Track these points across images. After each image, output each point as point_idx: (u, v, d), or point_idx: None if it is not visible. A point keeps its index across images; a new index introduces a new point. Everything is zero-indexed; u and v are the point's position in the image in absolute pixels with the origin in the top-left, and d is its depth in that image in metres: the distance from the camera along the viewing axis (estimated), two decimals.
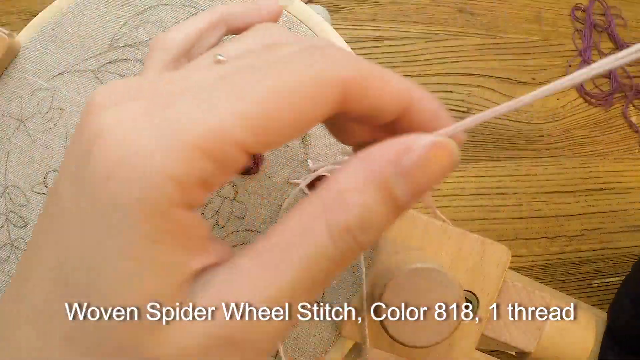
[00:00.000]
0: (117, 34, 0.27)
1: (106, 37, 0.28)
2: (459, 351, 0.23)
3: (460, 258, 0.23)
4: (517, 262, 0.66)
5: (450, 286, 0.21)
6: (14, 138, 0.29)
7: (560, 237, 0.68)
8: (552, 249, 0.67)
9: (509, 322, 0.24)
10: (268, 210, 0.26)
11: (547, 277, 0.67)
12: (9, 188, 0.29)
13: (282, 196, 0.26)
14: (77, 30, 0.28)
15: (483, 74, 0.73)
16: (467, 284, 0.23)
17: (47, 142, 0.28)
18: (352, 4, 0.74)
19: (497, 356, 0.47)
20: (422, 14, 0.74)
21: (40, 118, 0.28)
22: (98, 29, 0.28)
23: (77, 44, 0.28)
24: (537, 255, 0.67)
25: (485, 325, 0.24)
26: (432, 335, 0.21)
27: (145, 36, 0.27)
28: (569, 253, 0.68)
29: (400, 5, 0.74)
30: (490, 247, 0.23)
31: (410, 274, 0.21)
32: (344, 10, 0.73)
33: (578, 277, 0.67)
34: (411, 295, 0.21)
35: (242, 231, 0.26)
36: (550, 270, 0.67)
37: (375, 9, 0.73)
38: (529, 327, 0.24)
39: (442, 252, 0.23)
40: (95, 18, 0.28)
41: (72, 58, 0.28)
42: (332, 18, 0.72)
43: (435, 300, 0.21)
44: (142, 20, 0.27)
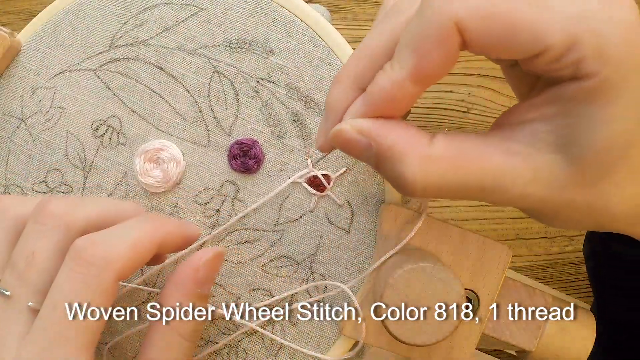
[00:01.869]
0: (118, 33, 0.27)
1: (107, 36, 0.28)
2: (460, 350, 0.23)
3: (461, 257, 0.23)
4: (518, 262, 0.66)
5: (451, 285, 0.21)
6: (14, 137, 0.29)
7: (560, 237, 0.68)
8: (552, 249, 0.67)
9: (509, 321, 0.24)
10: (268, 209, 0.26)
11: (547, 277, 0.67)
12: (10, 187, 0.29)
13: (283, 195, 0.26)
14: (78, 30, 0.28)
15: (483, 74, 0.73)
16: (467, 283, 0.23)
17: (47, 141, 0.28)
18: (352, 4, 0.74)
19: (497, 355, 0.47)
20: None
21: (41, 117, 0.28)
22: (99, 28, 0.28)
23: (78, 43, 0.28)
24: (537, 255, 0.67)
25: (485, 324, 0.24)
26: (433, 334, 0.21)
27: (146, 35, 0.27)
28: (569, 253, 0.68)
29: None
30: (491, 247, 0.23)
31: (410, 273, 0.21)
32: (343, 10, 0.73)
33: (578, 277, 0.67)
34: (412, 294, 0.21)
35: (243, 230, 0.26)
36: (550, 270, 0.67)
37: (376, 9, 0.73)
38: (530, 326, 0.24)
39: (442, 251, 0.23)
40: (95, 17, 0.28)
41: (73, 57, 0.28)
42: (332, 18, 0.72)
43: (436, 299, 0.21)
44: (143, 19, 0.27)
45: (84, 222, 0.21)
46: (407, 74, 0.17)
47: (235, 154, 0.26)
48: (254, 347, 0.26)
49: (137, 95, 0.27)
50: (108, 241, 0.19)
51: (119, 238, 0.20)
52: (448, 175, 0.18)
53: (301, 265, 0.26)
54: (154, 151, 0.26)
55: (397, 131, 0.18)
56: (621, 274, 0.36)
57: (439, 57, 0.17)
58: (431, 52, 0.17)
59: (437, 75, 0.17)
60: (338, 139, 0.19)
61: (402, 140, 0.18)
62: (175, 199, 0.27)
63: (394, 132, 0.18)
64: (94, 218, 0.21)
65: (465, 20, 0.16)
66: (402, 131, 0.18)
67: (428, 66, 0.17)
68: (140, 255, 0.20)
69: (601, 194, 0.18)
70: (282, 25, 0.26)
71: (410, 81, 0.17)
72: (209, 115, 0.26)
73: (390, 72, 0.18)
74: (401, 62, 0.17)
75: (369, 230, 0.25)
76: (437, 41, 0.16)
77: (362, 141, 0.19)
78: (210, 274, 0.22)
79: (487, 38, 0.16)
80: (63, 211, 0.20)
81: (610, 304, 0.38)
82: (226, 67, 0.26)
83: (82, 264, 0.19)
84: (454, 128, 0.67)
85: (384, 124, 0.19)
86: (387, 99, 0.18)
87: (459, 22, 0.16)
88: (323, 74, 0.25)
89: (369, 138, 0.19)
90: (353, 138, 0.19)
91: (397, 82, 0.18)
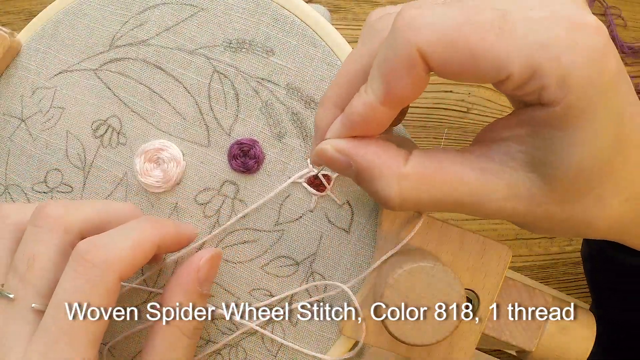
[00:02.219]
0: (118, 33, 0.27)
1: (107, 36, 0.28)
2: (460, 350, 0.23)
3: (461, 257, 0.23)
4: (518, 262, 0.66)
5: (451, 285, 0.21)
6: (14, 137, 0.29)
7: (561, 237, 0.68)
8: (552, 249, 0.67)
9: (509, 321, 0.24)
10: (268, 209, 0.26)
11: (547, 277, 0.67)
12: (10, 187, 0.29)
13: (283, 195, 0.26)
14: (78, 29, 0.28)
15: None
16: (468, 283, 0.23)
17: (47, 141, 0.28)
18: (352, 4, 0.74)
19: (498, 355, 0.47)
20: None
21: (41, 117, 0.28)
22: (99, 28, 0.28)
23: (78, 43, 0.28)
24: (537, 255, 0.67)
25: (485, 324, 0.24)
26: (433, 334, 0.21)
27: (146, 35, 0.27)
28: (569, 253, 0.68)
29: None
30: (490, 247, 0.23)
31: (411, 273, 0.21)
32: (343, 10, 0.73)
33: (578, 277, 0.67)
34: (412, 294, 0.21)
35: (243, 230, 0.26)
36: (550, 270, 0.67)
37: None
38: (530, 326, 0.24)
39: (442, 251, 0.23)
40: (95, 17, 0.28)
41: (73, 57, 0.28)
42: (332, 18, 0.72)
43: (436, 299, 0.21)
44: (143, 19, 0.27)
45: (82, 223, 0.21)
46: (379, 99, 0.18)
47: (235, 154, 0.26)
48: (254, 347, 0.26)
49: (137, 95, 0.27)
50: (110, 243, 0.20)
51: (120, 240, 0.20)
52: (423, 192, 0.19)
53: (301, 265, 0.26)
54: (154, 151, 0.26)
55: (373, 150, 0.19)
56: (617, 277, 0.36)
57: (407, 83, 0.17)
58: (399, 78, 0.17)
59: (408, 98, 0.18)
60: (321, 157, 0.20)
61: (379, 159, 0.19)
62: (176, 199, 0.27)
63: (371, 152, 0.19)
64: (91, 219, 0.22)
65: (427, 48, 0.16)
66: (378, 150, 0.19)
67: (397, 92, 0.18)
68: (141, 256, 0.21)
69: (582, 208, 0.18)
70: (282, 25, 0.26)
71: (382, 105, 0.18)
72: (209, 115, 0.26)
73: (364, 96, 0.18)
74: (373, 88, 0.18)
75: (369, 230, 0.25)
76: (403, 68, 0.17)
77: (342, 159, 0.20)
78: (210, 272, 0.23)
79: (450, 66, 0.17)
80: (60, 213, 0.21)
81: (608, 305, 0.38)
82: (226, 67, 0.26)
83: (85, 266, 0.19)
84: (453, 128, 0.67)
85: (360, 143, 0.20)
86: (361, 121, 0.19)
87: (421, 50, 0.16)
88: (323, 74, 0.25)
89: (347, 157, 0.20)
90: (334, 157, 0.20)
91: (370, 105, 0.18)
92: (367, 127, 0.19)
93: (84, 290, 0.19)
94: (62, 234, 0.21)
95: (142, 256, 0.21)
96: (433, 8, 0.17)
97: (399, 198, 0.19)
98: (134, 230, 0.21)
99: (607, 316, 0.36)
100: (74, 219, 0.21)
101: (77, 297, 0.19)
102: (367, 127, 0.19)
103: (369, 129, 0.19)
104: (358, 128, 0.19)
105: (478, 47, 0.16)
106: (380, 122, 0.19)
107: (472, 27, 0.16)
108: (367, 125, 0.19)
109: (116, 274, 0.19)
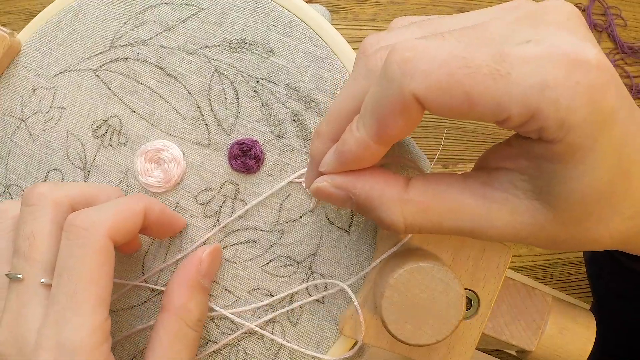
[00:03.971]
0: (118, 33, 0.27)
1: (107, 36, 0.28)
2: (460, 350, 0.24)
3: (461, 257, 0.23)
4: (518, 262, 0.66)
5: (451, 285, 0.21)
6: (14, 137, 0.29)
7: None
8: None
9: (509, 321, 0.25)
10: (269, 209, 0.26)
11: (547, 277, 0.67)
12: (10, 187, 0.29)
13: (283, 195, 0.26)
14: (78, 29, 0.28)
15: None
16: (467, 282, 0.24)
17: (48, 141, 0.28)
18: (352, 4, 0.73)
19: (498, 356, 0.47)
20: (422, 14, 0.74)
21: (41, 117, 0.28)
22: (99, 28, 0.28)
23: (78, 42, 0.28)
24: (537, 255, 0.67)
25: (485, 324, 0.24)
26: (433, 334, 0.21)
27: (146, 35, 0.27)
28: (569, 253, 0.68)
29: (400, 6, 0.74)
30: (490, 247, 0.23)
31: (410, 273, 0.21)
32: (343, 10, 0.73)
33: (578, 277, 0.67)
34: (412, 294, 0.21)
35: (243, 229, 0.26)
36: (550, 270, 0.67)
37: (375, 9, 0.73)
38: (530, 326, 0.24)
39: (442, 251, 0.23)
40: (96, 17, 0.28)
41: (73, 57, 0.28)
42: (332, 18, 0.72)
43: (436, 299, 0.21)
44: (143, 19, 0.27)
45: (69, 198, 0.23)
46: (370, 137, 0.18)
47: (236, 154, 0.26)
48: (254, 347, 0.26)
49: (137, 95, 0.27)
50: (96, 210, 0.21)
51: (106, 206, 0.22)
52: (426, 218, 0.19)
53: (301, 265, 0.26)
54: (155, 151, 0.26)
55: (371, 181, 0.20)
56: (621, 280, 0.36)
57: (400, 124, 0.17)
58: (392, 120, 0.17)
59: (400, 136, 0.18)
60: (319, 194, 0.21)
61: (377, 189, 0.19)
62: (176, 199, 0.27)
63: (368, 183, 0.20)
64: (77, 194, 0.23)
65: (422, 94, 0.16)
66: (376, 180, 0.20)
67: (390, 132, 0.18)
68: (129, 219, 0.22)
69: (585, 230, 0.18)
70: (282, 25, 0.26)
71: (373, 142, 0.18)
72: (209, 115, 0.26)
73: (356, 133, 0.19)
74: (365, 126, 0.18)
75: (369, 230, 0.25)
76: (398, 111, 0.17)
77: (340, 194, 0.20)
78: (211, 265, 0.25)
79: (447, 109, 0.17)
80: (49, 189, 0.22)
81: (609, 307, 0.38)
82: (226, 67, 0.26)
83: (75, 231, 0.20)
84: (453, 128, 0.67)
85: (357, 176, 0.20)
86: (354, 158, 0.19)
87: (416, 96, 0.16)
88: (323, 74, 0.25)
89: (345, 191, 0.20)
90: (332, 192, 0.20)
91: (362, 142, 0.19)
92: (360, 163, 0.19)
93: (78, 254, 0.20)
94: (53, 207, 0.22)
95: (130, 219, 0.22)
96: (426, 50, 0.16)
97: (403, 224, 0.19)
98: (119, 200, 0.23)
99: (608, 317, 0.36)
100: (63, 194, 0.22)
101: (73, 262, 0.20)
102: (360, 163, 0.19)
103: (362, 164, 0.20)
104: (351, 164, 0.20)
105: (474, 92, 0.16)
106: (372, 158, 0.19)
107: (468, 73, 0.16)
108: (360, 161, 0.19)
109: (105, 232, 0.20)
